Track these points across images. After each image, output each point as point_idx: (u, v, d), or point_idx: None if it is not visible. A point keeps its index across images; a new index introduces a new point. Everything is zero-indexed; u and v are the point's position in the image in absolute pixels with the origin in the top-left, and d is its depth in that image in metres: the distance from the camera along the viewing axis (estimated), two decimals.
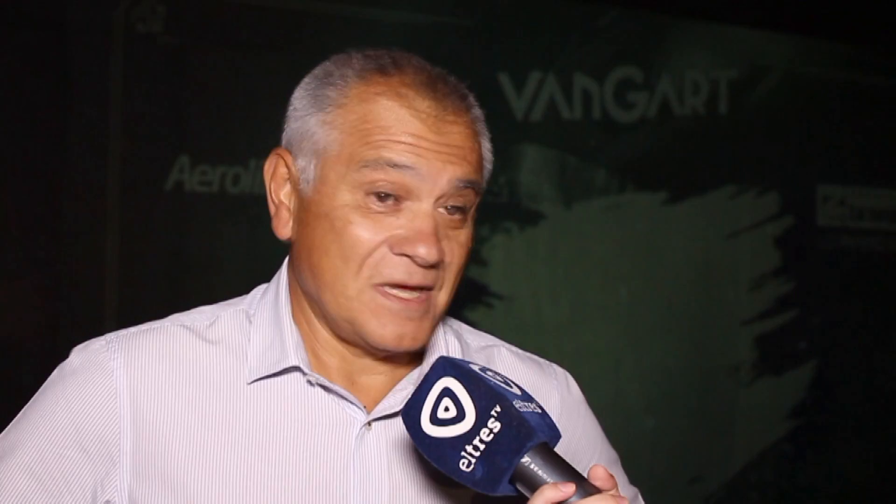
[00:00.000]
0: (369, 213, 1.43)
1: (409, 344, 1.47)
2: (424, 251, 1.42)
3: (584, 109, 4.82)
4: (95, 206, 3.93)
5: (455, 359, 1.39)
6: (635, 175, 4.91)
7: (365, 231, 1.43)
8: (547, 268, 4.81)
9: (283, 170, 1.51)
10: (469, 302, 4.60)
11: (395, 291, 1.45)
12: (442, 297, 1.49)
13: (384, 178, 1.42)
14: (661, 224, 4.96)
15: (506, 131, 4.54)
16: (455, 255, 1.47)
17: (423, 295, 1.46)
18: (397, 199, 1.43)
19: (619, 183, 4.89)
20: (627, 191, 4.91)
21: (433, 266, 1.45)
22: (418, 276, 1.44)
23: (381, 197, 1.43)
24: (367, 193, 1.43)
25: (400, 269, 1.44)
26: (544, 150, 4.77)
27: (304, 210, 1.48)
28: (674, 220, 4.98)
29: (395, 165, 1.42)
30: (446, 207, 1.46)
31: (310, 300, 1.51)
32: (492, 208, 4.61)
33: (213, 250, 4.17)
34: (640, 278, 4.93)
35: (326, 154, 1.45)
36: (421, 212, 1.43)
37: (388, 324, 1.45)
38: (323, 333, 1.52)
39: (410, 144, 1.42)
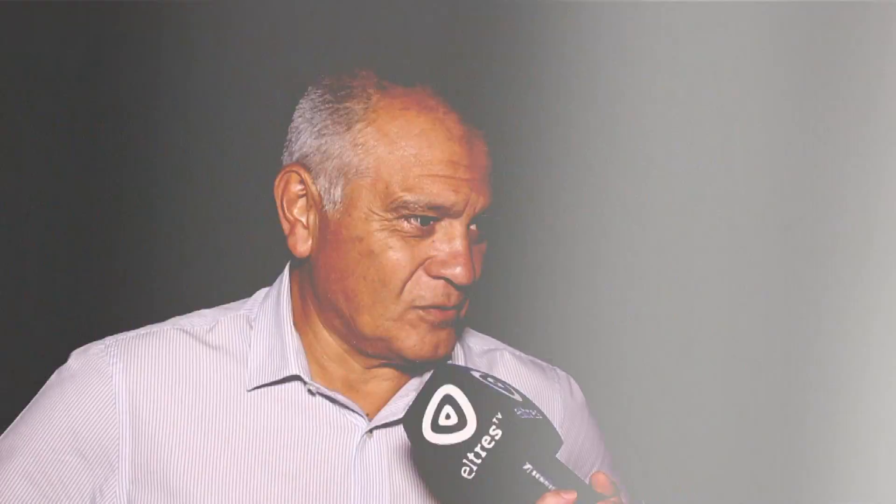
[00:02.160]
0: (405, 236, 1.44)
1: (443, 352, 1.49)
2: (461, 273, 1.44)
3: None
4: None
5: (456, 366, 1.39)
6: None
7: (404, 256, 1.44)
8: None
9: (296, 186, 1.50)
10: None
11: (432, 308, 1.46)
12: (464, 305, 1.51)
13: (422, 214, 1.44)
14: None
15: None
16: (478, 266, 1.49)
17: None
18: (432, 221, 1.45)
19: None
20: None
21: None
22: (454, 297, 1.47)
23: (417, 223, 1.44)
24: (402, 219, 1.44)
25: (439, 293, 1.45)
26: None
27: (330, 231, 1.47)
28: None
29: (433, 207, 1.43)
30: (474, 224, 1.48)
31: (328, 314, 1.51)
32: None
33: (210, 253, 4.15)
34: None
35: (359, 180, 1.44)
36: (455, 233, 1.45)
37: (425, 336, 1.47)
38: (331, 344, 1.52)
39: (447, 177, 1.43)
